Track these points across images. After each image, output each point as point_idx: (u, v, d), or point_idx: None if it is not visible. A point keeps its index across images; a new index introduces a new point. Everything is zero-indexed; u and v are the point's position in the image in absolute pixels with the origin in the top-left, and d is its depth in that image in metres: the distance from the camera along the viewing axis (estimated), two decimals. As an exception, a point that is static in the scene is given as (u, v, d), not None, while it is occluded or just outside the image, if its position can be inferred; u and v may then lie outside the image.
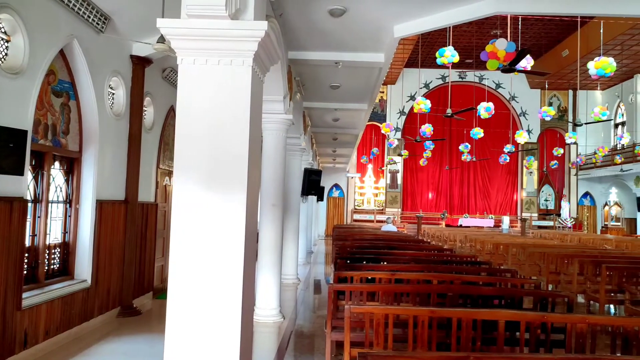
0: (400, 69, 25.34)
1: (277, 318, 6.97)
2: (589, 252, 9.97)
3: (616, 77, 24.63)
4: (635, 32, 19.24)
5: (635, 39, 20.06)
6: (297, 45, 6.84)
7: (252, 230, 3.65)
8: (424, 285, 5.25)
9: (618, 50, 20.95)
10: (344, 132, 13.86)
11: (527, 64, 8.50)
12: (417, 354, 2.52)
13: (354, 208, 27.95)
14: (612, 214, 26.62)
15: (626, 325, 3.62)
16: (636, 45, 20.67)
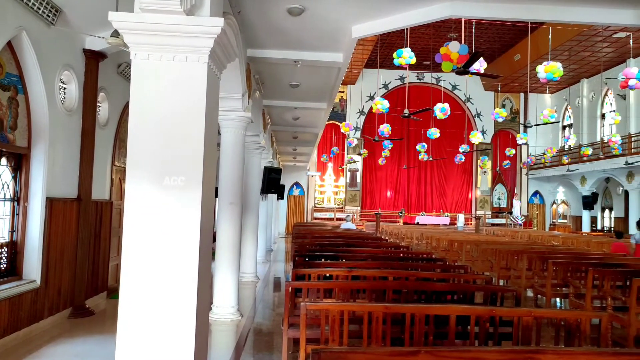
0: (360, 70, 25.60)
1: (235, 316, 6.93)
2: (537, 248, 10.40)
3: (564, 81, 25.71)
4: (581, 38, 20.14)
5: (581, 45, 21.00)
6: (256, 43, 6.82)
7: (207, 228, 3.64)
8: (380, 282, 5.34)
9: (566, 55, 21.88)
10: (304, 130, 13.90)
11: (480, 67, 8.77)
12: (370, 350, 2.57)
13: (314, 206, 28.05)
14: (559, 211, 27.80)
15: (569, 317, 3.81)
16: (583, 51, 21.63)
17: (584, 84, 25.65)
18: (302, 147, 17.80)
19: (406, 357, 2.56)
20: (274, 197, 17.44)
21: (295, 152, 19.08)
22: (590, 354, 2.62)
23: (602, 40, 20.31)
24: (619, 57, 21.78)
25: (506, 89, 27.97)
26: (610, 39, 20.09)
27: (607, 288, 6.17)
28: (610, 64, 22.71)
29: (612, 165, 21.06)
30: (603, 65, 22.72)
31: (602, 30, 19.00)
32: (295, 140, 15.77)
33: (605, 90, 24.23)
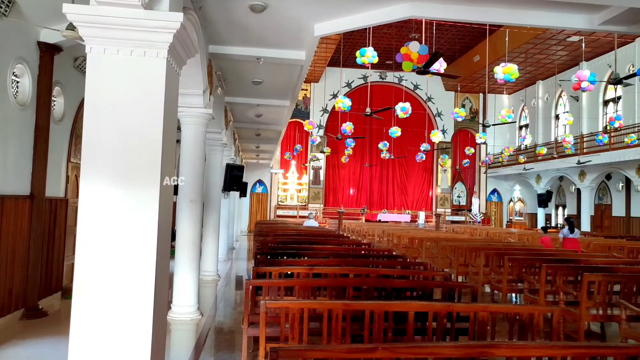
0: (323, 68, 25.66)
1: (195, 315, 6.84)
2: (494, 245, 10.70)
3: (521, 82, 26.52)
4: (537, 41, 20.81)
5: (537, 48, 21.70)
6: (218, 39, 6.73)
7: (166, 226, 3.57)
8: (340, 279, 5.38)
9: (523, 57, 22.56)
10: (267, 128, 13.82)
11: (440, 67, 8.94)
12: (328, 347, 2.59)
13: (277, 204, 27.96)
14: (516, 209, 28.70)
15: (522, 312, 3.94)
16: (538, 53, 22.36)
17: (539, 85, 26.53)
18: (265, 145, 17.71)
19: (364, 354, 2.59)
20: (237, 195, 17.27)
21: (258, 149, 18.96)
22: (541, 347, 2.72)
23: (556, 43, 21.04)
24: (573, 60, 22.62)
25: (466, 89, 28.61)
26: (564, 42, 20.84)
27: (559, 283, 6.41)
28: (564, 66, 23.56)
29: (565, 165, 21.88)
30: (557, 67, 23.55)
31: (557, 34, 19.68)
32: (258, 137, 15.67)
33: (560, 92, 25.13)
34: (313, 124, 17.07)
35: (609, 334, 6.58)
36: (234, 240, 18.73)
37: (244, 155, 21.14)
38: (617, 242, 12.63)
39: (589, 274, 5.66)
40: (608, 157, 19.41)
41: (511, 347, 2.67)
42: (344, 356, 2.69)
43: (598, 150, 19.89)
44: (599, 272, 5.96)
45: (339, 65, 22.66)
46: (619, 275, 5.88)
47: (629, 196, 21.38)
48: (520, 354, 2.66)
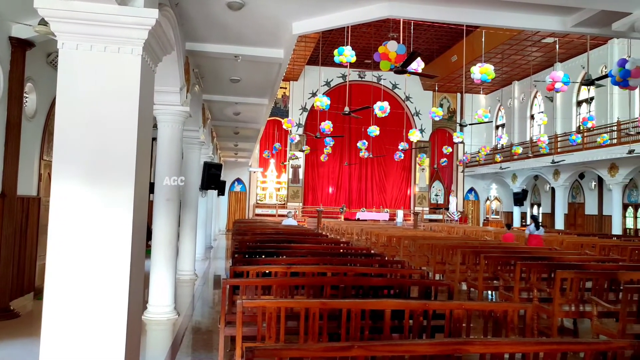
0: (302, 66, 25.64)
1: (172, 315, 6.77)
2: (471, 243, 10.84)
3: (497, 83, 26.90)
4: (513, 42, 21.14)
5: (513, 49, 22.05)
6: (195, 36, 6.66)
7: (141, 225, 3.52)
8: (318, 278, 5.38)
9: (499, 58, 22.90)
10: (246, 126, 13.73)
11: (418, 67, 9.00)
12: (304, 346, 2.59)
13: (256, 202, 27.84)
14: (492, 207, 29.13)
15: (496, 309, 4.00)
16: (514, 54, 22.73)
17: (515, 86, 26.96)
18: (244, 143, 17.60)
19: (340, 352, 2.60)
20: (214, 193, 17.14)
21: (236, 147, 18.83)
22: (514, 344, 2.76)
23: (531, 44, 21.41)
24: (547, 61, 23.05)
25: (444, 89, 28.90)
26: (539, 43, 21.21)
27: (533, 280, 6.52)
28: (539, 67, 23.99)
29: (540, 164, 22.28)
30: (532, 68, 23.97)
31: (532, 35, 20.02)
32: (237, 135, 15.56)
33: (535, 93, 25.59)
34: (292, 122, 17.02)
35: (581, 330, 6.72)
36: (212, 239, 18.59)
37: (222, 153, 20.98)
38: (590, 240, 12.92)
39: (561, 271, 5.77)
40: (581, 156, 19.83)
41: (485, 344, 2.70)
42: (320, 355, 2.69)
43: (571, 150, 20.31)
44: (572, 269, 6.10)
45: (318, 63, 22.65)
46: (590, 273, 6.02)
47: (601, 195, 21.91)
48: (493, 350, 2.70)
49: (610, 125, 19.08)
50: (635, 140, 16.25)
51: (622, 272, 5.95)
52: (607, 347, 2.61)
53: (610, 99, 20.31)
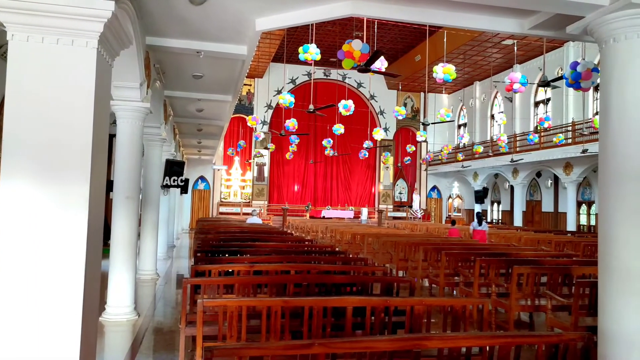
0: (267, 63, 25.48)
1: (132, 316, 6.61)
2: (433, 240, 11.03)
3: (459, 83, 27.46)
4: (474, 43, 21.63)
5: (474, 50, 22.55)
6: (156, 31, 6.51)
7: (97, 225, 3.42)
8: (281, 276, 5.36)
9: (461, 59, 23.38)
10: (209, 123, 13.54)
11: (382, 66, 9.09)
12: (265, 345, 2.57)
13: (220, 201, 27.52)
14: (454, 205, 29.73)
15: (455, 305, 4.08)
16: (475, 55, 23.24)
17: (476, 86, 27.58)
18: (207, 140, 17.35)
19: (301, 350, 2.59)
20: (177, 192, 16.86)
21: (200, 145, 18.55)
22: (471, 338, 2.82)
23: (492, 46, 21.95)
24: (507, 63, 23.66)
25: (407, 88, 29.29)
26: (499, 45, 21.76)
27: (491, 276, 6.69)
28: (499, 68, 24.61)
29: (500, 163, 22.89)
30: (493, 69, 24.57)
31: (492, 37, 20.52)
32: (200, 132, 15.33)
33: (495, 93, 26.24)
34: (256, 119, 16.89)
35: (537, 323, 6.93)
36: (175, 238, 18.28)
37: (185, 150, 20.64)
38: (546, 236, 13.35)
39: (518, 266, 5.94)
40: (538, 155, 20.47)
41: (442, 339, 2.75)
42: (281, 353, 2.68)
43: (529, 149, 20.94)
44: (528, 265, 6.28)
45: (284, 61, 22.57)
46: (545, 268, 6.22)
47: (557, 193, 22.69)
48: (451, 345, 2.75)
49: (566, 126, 19.77)
50: (588, 140, 16.89)
51: (575, 267, 6.17)
52: (559, 340, 2.70)
53: (565, 100, 21.04)
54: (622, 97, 4.37)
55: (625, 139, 4.32)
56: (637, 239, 4.17)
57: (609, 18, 4.44)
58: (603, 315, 4.33)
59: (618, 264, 4.23)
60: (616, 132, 4.39)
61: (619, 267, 4.21)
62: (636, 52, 4.34)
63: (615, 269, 4.25)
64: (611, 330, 4.23)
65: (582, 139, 17.52)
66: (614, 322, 4.22)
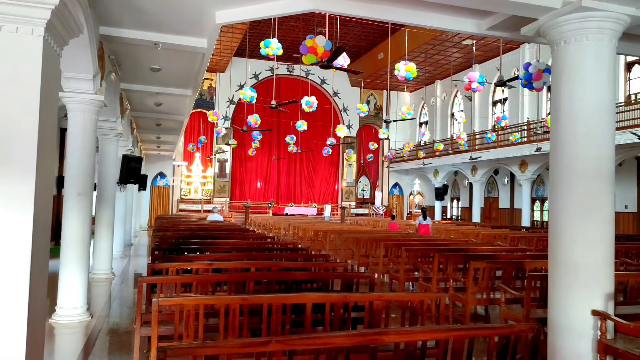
0: (229, 58, 25.14)
1: (84, 317, 6.39)
2: (393, 236, 11.15)
3: (421, 81, 27.87)
4: (435, 42, 21.98)
5: (436, 49, 22.93)
6: (110, 21, 6.29)
7: (43, 223, 3.27)
8: (241, 274, 5.30)
9: (423, 57, 23.72)
10: (168, 117, 13.24)
11: (344, 62, 9.10)
12: (220, 343, 2.52)
13: (181, 198, 27.02)
14: (415, 202, 30.21)
15: (413, 300, 4.12)
16: (437, 54, 23.63)
17: (437, 85, 28.06)
18: (167, 136, 16.98)
19: (258, 347, 2.56)
20: (135, 188, 16.45)
21: (159, 140, 18.14)
22: (426, 332, 2.85)
23: (452, 46, 22.36)
24: (467, 62, 24.16)
25: (370, 86, 29.51)
26: (460, 45, 22.20)
27: (449, 271, 6.81)
28: (460, 67, 25.10)
29: (459, 160, 23.38)
30: (453, 68, 25.04)
31: (453, 37, 20.90)
32: (159, 127, 14.97)
33: (455, 92, 26.77)
34: (217, 114, 16.63)
35: (493, 316, 7.11)
36: (132, 235, 17.83)
37: (144, 146, 20.15)
38: (502, 232, 13.73)
39: (474, 261, 6.07)
40: (496, 153, 21.03)
41: (399, 333, 2.77)
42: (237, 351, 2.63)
43: (487, 147, 21.47)
44: (484, 259, 6.43)
45: (246, 55, 22.32)
46: (500, 262, 6.38)
47: (513, 190, 23.38)
48: (407, 339, 2.77)
49: (521, 125, 20.38)
50: (542, 139, 17.45)
51: (528, 261, 6.36)
52: (510, 331, 2.76)
53: (521, 100, 21.68)
54: (571, 98, 4.52)
55: (574, 138, 4.47)
56: (583, 234, 4.33)
57: (560, 21, 4.57)
58: (552, 307, 4.48)
59: (566, 258, 4.37)
60: (566, 131, 4.53)
61: (567, 261, 4.36)
62: (585, 54, 4.49)
63: (563, 262, 4.39)
64: (560, 321, 4.37)
65: (537, 137, 18.09)
66: (562, 313, 4.37)
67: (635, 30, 5.00)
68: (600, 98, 4.45)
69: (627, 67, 17.63)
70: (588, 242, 4.32)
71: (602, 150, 4.42)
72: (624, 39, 5.20)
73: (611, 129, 4.57)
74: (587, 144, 4.41)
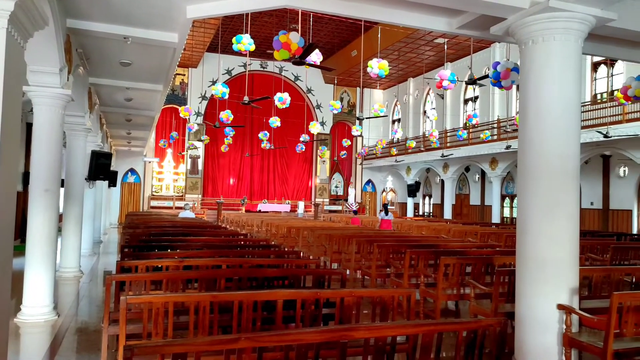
0: (202, 53, 24.85)
1: (51, 316, 6.24)
2: (366, 232, 11.23)
3: (394, 79, 28.09)
4: (408, 41, 22.17)
5: (408, 47, 23.13)
6: (78, 13, 6.13)
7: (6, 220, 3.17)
8: (212, 271, 5.25)
9: (396, 55, 23.90)
10: (139, 113, 12.99)
11: (317, 59, 9.09)
12: (189, 341, 2.49)
13: (152, 194, 26.61)
14: (388, 198, 30.48)
15: (384, 295, 4.16)
16: (409, 52, 23.85)
17: (410, 82, 28.32)
18: (137, 131, 16.67)
19: (227, 345, 2.54)
20: (105, 185, 16.12)
21: (129, 136, 17.80)
22: (396, 327, 2.89)
23: (425, 44, 22.60)
24: (439, 61, 24.47)
25: (344, 83, 29.58)
26: (432, 43, 22.45)
27: (420, 267, 6.90)
28: (432, 66, 25.39)
29: (431, 157, 23.67)
30: (426, 66, 25.31)
31: (425, 35, 21.11)
32: (129, 123, 14.69)
33: (427, 90, 27.07)
34: (189, 110, 16.40)
35: (463, 311, 7.23)
36: (102, 233, 17.48)
37: (114, 142, 19.74)
38: (472, 228, 13.96)
39: (445, 257, 6.16)
40: (467, 151, 21.37)
41: (369, 329, 2.79)
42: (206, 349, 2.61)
43: (459, 145, 21.81)
44: (455, 255, 6.53)
45: (219, 51, 22.09)
46: (470, 258, 6.49)
47: (484, 187, 23.81)
48: (377, 334, 2.79)
49: (492, 123, 20.76)
50: (512, 137, 17.81)
51: (497, 256, 6.49)
52: (478, 326, 2.81)
53: (492, 98, 22.07)
54: (538, 96, 4.63)
55: (541, 136, 4.58)
56: (550, 230, 4.44)
57: (528, 21, 4.67)
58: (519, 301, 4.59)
59: (533, 254, 4.49)
60: (533, 129, 4.64)
61: (534, 257, 4.47)
62: (552, 54, 4.60)
63: (530, 258, 4.50)
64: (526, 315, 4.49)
65: (506, 135, 18.46)
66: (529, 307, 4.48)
67: (600, 31, 5.14)
68: (567, 97, 4.57)
69: (594, 68, 18.13)
70: (554, 238, 4.44)
71: (567, 148, 4.54)
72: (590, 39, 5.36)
73: (577, 127, 4.70)
74: (553, 142, 4.53)
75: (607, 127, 14.58)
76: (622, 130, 14.49)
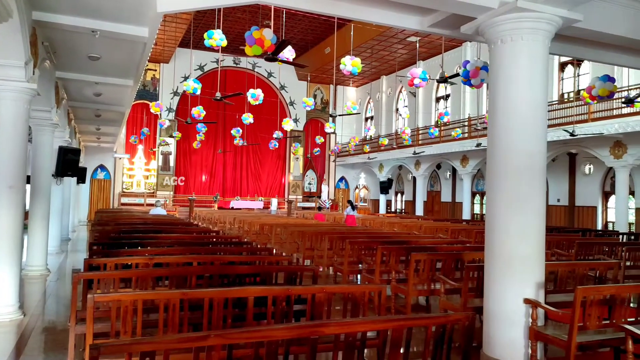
0: (174, 48, 24.47)
1: (16, 316, 6.08)
2: (339, 229, 11.28)
3: (367, 77, 28.23)
4: (381, 39, 22.31)
5: (381, 45, 23.27)
6: (44, 5, 5.96)
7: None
8: (183, 268, 5.21)
9: (369, 53, 24.03)
10: (108, 108, 12.72)
11: (290, 56, 9.08)
12: (157, 339, 2.47)
13: (122, 191, 26.12)
14: (361, 195, 30.68)
15: (355, 291, 4.19)
16: (382, 50, 23.99)
17: (383, 80, 28.52)
18: (107, 127, 16.32)
19: (196, 342, 2.52)
20: (73, 181, 15.75)
21: (99, 131, 17.41)
22: (366, 323, 2.92)
23: (398, 42, 22.77)
24: (412, 59, 24.68)
25: (317, 80, 29.58)
26: (405, 42, 22.64)
27: (392, 263, 6.98)
28: (405, 64, 25.60)
29: (403, 155, 23.91)
30: (398, 65, 25.50)
31: (398, 33, 21.27)
32: (99, 118, 14.37)
33: (400, 88, 27.31)
34: (160, 106, 16.18)
35: (434, 306, 7.35)
36: (71, 230, 17.08)
37: (83, 137, 19.29)
38: (443, 225, 14.18)
39: (415, 253, 6.24)
40: (438, 148, 21.67)
41: (339, 325, 2.81)
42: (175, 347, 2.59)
43: (430, 142, 22.09)
44: (425, 251, 6.62)
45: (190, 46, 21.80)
46: (440, 254, 6.60)
47: (455, 184, 24.20)
48: (347, 330, 2.82)
49: (463, 121, 21.08)
50: (482, 135, 18.13)
51: (467, 252, 6.62)
52: (446, 320, 2.87)
53: (463, 96, 22.42)
54: (507, 95, 4.73)
55: (509, 134, 4.69)
56: (517, 227, 4.55)
57: (497, 20, 4.77)
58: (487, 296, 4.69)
59: (500, 249, 4.59)
60: (501, 127, 4.74)
61: (502, 253, 4.58)
62: (520, 53, 4.71)
63: (498, 254, 4.61)
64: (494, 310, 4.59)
65: (477, 133, 18.78)
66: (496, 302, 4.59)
67: (567, 31, 5.28)
68: (534, 96, 4.69)
69: (561, 67, 18.59)
70: (520, 233, 4.55)
71: (534, 145, 4.66)
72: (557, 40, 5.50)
73: (543, 125, 4.82)
74: (520, 139, 4.64)
75: (574, 126, 14.99)
76: (587, 129, 14.92)
